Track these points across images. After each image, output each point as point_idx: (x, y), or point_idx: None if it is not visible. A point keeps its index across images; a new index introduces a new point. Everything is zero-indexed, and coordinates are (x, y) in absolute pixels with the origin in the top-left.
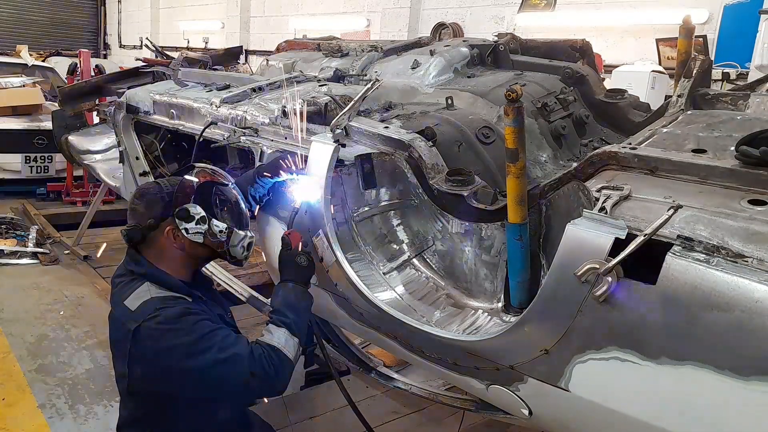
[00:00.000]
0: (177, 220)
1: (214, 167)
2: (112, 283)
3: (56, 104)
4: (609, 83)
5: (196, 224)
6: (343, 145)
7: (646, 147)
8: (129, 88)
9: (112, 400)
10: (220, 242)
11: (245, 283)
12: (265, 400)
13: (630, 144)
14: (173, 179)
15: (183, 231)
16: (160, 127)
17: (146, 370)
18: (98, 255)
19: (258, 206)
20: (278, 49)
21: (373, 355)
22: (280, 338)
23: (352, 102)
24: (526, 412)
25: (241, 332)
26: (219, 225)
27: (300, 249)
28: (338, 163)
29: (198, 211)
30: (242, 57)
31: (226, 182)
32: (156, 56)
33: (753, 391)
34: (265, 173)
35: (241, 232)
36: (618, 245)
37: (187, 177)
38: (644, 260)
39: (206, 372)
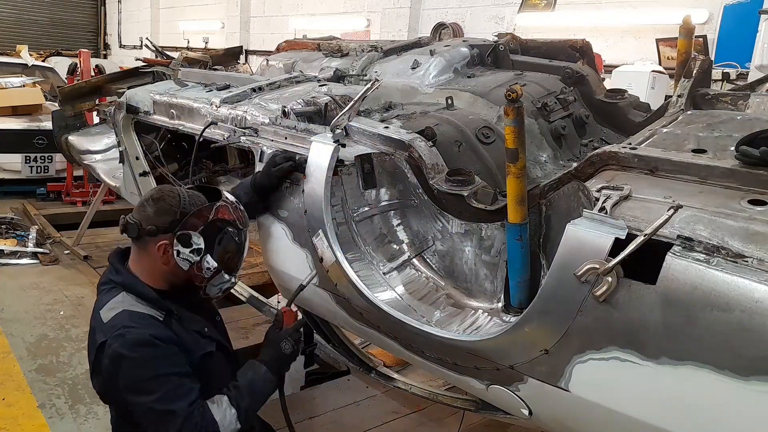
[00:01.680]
0: (175, 240)
1: (239, 205)
2: (97, 289)
3: (56, 104)
4: (609, 83)
5: (190, 252)
6: (343, 145)
7: (646, 147)
8: (129, 88)
9: None
10: (202, 277)
11: (245, 283)
12: None
13: (630, 144)
14: (195, 196)
15: (175, 252)
16: (160, 127)
17: (100, 385)
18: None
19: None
20: (278, 49)
21: (373, 355)
22: (226, 417)
23: (352, 102)
24: (526, 412)
25: (228, 341)
26: (210, 263)
27: (291, 330)
28: (338, 163)
29: (199, 242)
30: (242, 57)
31: (242, 226)
32: (156, 56)
33: (753, 391)
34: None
35: (227, 276)
36: (618, 245)
37: (208, 206)
38: (644, 260)
39: (141, 412)
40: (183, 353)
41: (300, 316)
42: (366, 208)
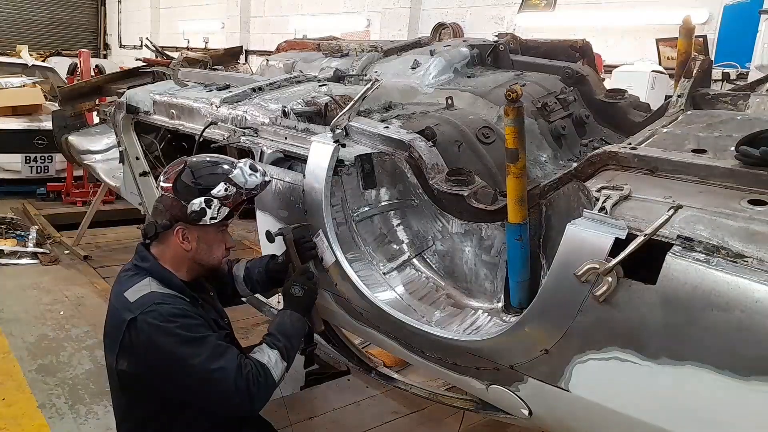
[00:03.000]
0: (187, 224)
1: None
2: (117, 276)
3: (56, 104)
4: (609, 83)
5: (201, 212)
6: (343, 145)
7: (646, 147)
8: (129, 88)
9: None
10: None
11: None
12: None
13: (630, 144)
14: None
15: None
16: (160, 127)
17: (134, 363)
18: None
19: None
20: (278, 49)
21: (373, 355)
22: (271, 358)
23: (352, 102)
24: (526, 412)
25: (236, 338)
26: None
27: (295, 275)
28: (338, 163)
29: (199, 202)
30: (242, 57)
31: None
32: (156, 56)
33: (753, 391)
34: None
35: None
36: (618, 245)
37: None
38: (644, 260)
39: (190, 377)
40: (210, 327)
41: (311, 267)
42: (366, 208)
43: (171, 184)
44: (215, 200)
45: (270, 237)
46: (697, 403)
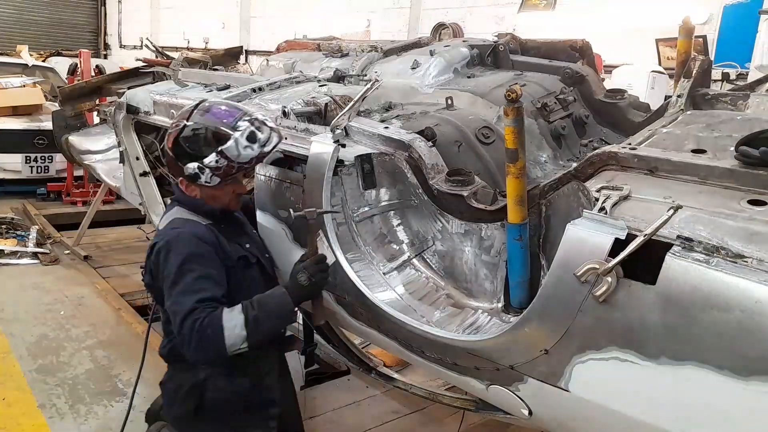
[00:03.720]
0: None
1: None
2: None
3: (56, 104)
4: (609, 83)
5: (195, 176)
6: (343, 145)
7: (646, 147)
8: (129, 88)
9: (112, 400)
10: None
11: None
12: None
13: (630, 144)
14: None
15: (188, 177)
16: (160, 127)
17: (151, 280)
18: None
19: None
20: (278, 50)
21: (373, 355)
22: (231, 322)
23: (352, 102)
24: (526, 412)
25: (273, 268)
26: (211, 162)
27: (309, 263)
28: (338, 163)
29: (192, 167)
30: (242, 57)
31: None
32: (156, 56)
33: (753, 391)
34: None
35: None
36: (618, 245)
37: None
38: (644, 260)
39: (168, 301)
40: (220, 255)
41: (329, 257)
42: (366, 208)
43: (171, 144)
44: (207, 169)
45: (291, 219)
46: (697, 403)
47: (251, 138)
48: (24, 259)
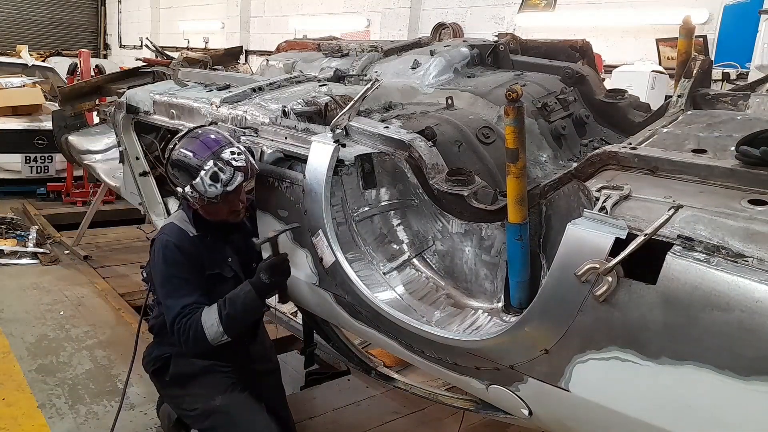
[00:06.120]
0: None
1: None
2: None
3: (56, 104)
4: (609, 83)
5: (191, 194)
6: (343, 145)
7: (647, 147)
8: (129, 88)
9: (112, 400)
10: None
11: None
12: None
13: (630, 144)
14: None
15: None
16: (160, 127)
17: (149, 273)
18: None
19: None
20: (278, 49)
21: (373, 355)
22: (209, 319)
23: (352, 102)
24: (526, 412)
25: (240, 275)
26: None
27: (265, 264)
28: (338, 163)
29: (181, 190)
30: (242, 57)
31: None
32: (156, 56)
33: (753, 391)
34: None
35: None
36: (618, 245)
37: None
38: (644, 260)
39: (160, 294)
40: (197, 266)
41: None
42: (366, 208)
43: (166, 162)
44: (188, 195)
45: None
46: (697, 403)
47: (214, 178)
48: (24, 259)
